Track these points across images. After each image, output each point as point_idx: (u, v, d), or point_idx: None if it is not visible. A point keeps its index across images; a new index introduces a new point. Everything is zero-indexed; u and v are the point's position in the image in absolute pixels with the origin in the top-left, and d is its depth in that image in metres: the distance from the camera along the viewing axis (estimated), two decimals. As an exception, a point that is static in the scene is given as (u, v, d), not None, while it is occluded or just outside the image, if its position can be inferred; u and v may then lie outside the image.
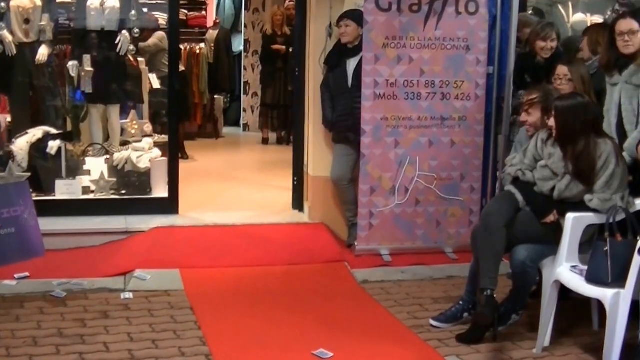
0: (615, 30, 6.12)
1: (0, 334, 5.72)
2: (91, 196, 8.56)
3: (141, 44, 10.87)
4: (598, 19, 9.92)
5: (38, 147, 8.52)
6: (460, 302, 6.21)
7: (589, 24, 9.29)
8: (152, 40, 11.43)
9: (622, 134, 6.05)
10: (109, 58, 9.74)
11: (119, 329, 5.94)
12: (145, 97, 10.87)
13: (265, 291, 6.87)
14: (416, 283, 7.23)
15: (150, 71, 11.29)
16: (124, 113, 10.19)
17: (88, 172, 8.87)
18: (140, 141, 9.17)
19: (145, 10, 10.93)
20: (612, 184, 5.64)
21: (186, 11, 13.70)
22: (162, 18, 11.14)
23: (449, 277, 7.37)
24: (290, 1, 12.68)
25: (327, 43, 8.23)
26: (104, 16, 9.59)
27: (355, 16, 7.77)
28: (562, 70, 6.59)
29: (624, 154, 5.87)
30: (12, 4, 9.45)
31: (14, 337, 5.71)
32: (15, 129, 9.27)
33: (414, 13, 7.66)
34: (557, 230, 5.75)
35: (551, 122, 5.82)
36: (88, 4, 9.60)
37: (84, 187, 8.56)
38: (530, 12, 9.83)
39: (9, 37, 9.40)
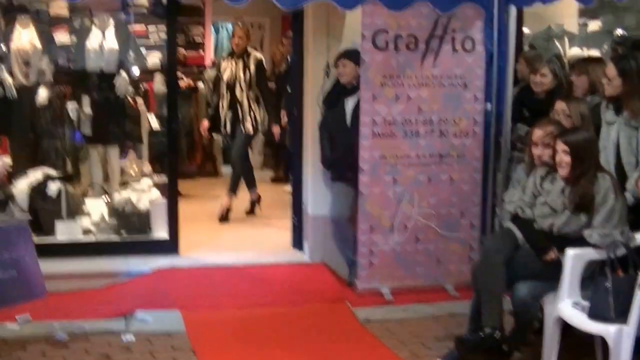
0: None
1: (3, 378, 5.73)
2: (91, 237, 8.57)
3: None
4: (595, 53, 9.96)
5: (38, 189, 8.54)
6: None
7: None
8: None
9: (621, 172, 6.07)
10: (108, 99, 9.76)
11: (121, 371, 5.94)
12: (145, 138, 10.89)
13: (267, 332, 6.85)
14: (418, 321, 7.22)
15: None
16: (123, 154, 10.21)
17: (88, 214, 8.87)
18: (139, 182, 9.18)
19: (143, 51, 10.99)
20: (612, 219, 5.65)
21: (184, 50, 13.74)
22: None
23: (450, 314, 7.34)
24: (286, 38, 12.73)
25: (324, 82, 8.27)
26: (102, 57, 9.63)
27: (353, 56, 7.81)
28: (560, 105, 6.61)
29: (627, 194, 5.88)
30: (12, 46, 9.51)
31: (16, 380, 5.72)
32: (16, 171, 9.29)
33: (411, 51, 7.69)
34: (557, 266, 5.76)
35: (558, 158, 5.81)
36: (87, 45, 9.64)
37: (84, 229, 8.57)
38: (526, 47, 9.88)
39: (9, 80, 9.46)
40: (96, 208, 8.93)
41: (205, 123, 10.74)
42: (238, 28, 10.65)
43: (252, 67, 10.34)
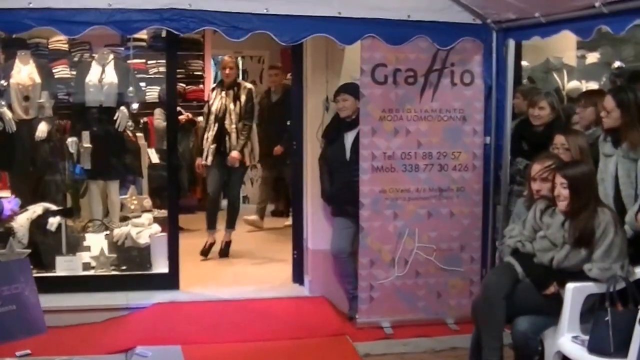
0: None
1: (3, 414, 5.71)
2: (92, 272, 8.53)
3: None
4: (593, 86, 9.98)
5: (38, 224, 8.52)
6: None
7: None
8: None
9: (619, 205, 6.07)
10: (108, 133, 9.78)
11: (121, 407, 5.92)
12: (145, 172, 10.89)
13: (267, 367, 6.85)
14: (418, 355, 7.21)
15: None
16: (123, 188, 10.21)
17: (88, 248, 8.84)
18: (140, 216, 9.17)
19: (143, 85, 11.01)
20: (612, 252, 5.64)
21: (184, 85, 13.76)
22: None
23: (451, 348, 7.33)
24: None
25: (324, 117, 8.29)
26: (102, 92, 9.65)
27: (352, 90, 7.83)
28: (559, 139, 6.61)
29: (626, 227, 5.87)
30: (12, 81, 9.55)
31: (16, 417, 5.70)
32: (16, 206, 9.30)
33: (410, 85, 7.71)
34: (557, 300, 5.74)
35: (557, 191, 5.81)
36: (87, 80, 9.67)
37: (84, 263, 8.53)
38: (525, 80, 9.90)
39: (8, 114, 9.51)
40: (96, 242, 8.90)
41: (199, 160, 10.58)
42: (228, 59, 10.44)
43: (243, 97, 10.22)
